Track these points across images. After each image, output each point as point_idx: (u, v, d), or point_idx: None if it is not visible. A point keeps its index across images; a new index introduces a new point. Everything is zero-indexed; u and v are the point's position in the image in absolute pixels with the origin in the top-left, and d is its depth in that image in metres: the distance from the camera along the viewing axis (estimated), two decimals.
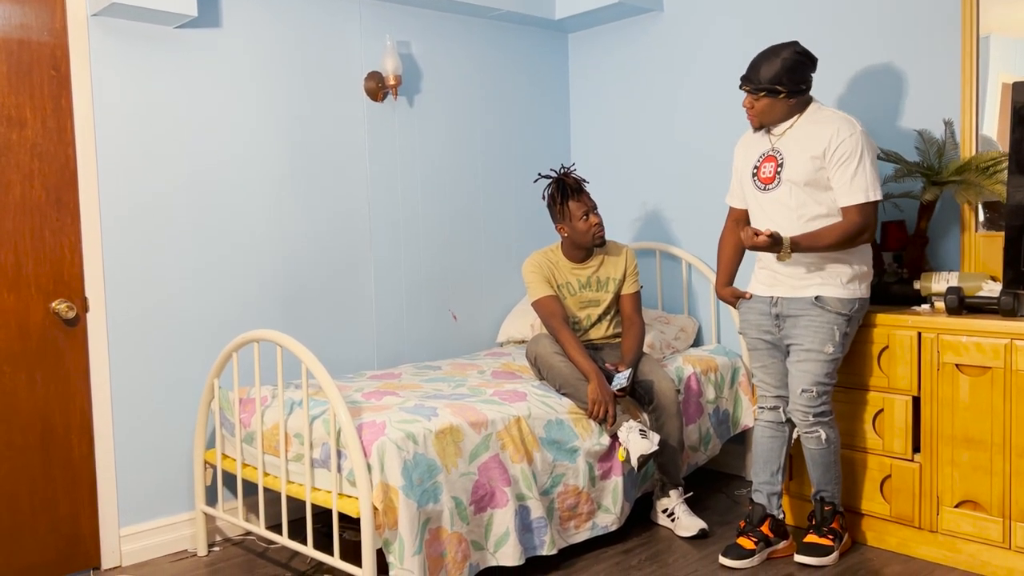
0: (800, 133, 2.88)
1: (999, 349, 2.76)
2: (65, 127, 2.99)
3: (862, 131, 2.81)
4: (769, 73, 2.82)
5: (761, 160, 2.96)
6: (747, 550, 2.95)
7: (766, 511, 3.03)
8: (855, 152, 2.78)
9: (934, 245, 3.29)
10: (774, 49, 2.85)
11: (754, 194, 2.98)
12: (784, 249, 2.77)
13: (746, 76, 2.89)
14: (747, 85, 2.89)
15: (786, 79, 2.81)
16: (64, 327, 3.01)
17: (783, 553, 3.03)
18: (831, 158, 2.80)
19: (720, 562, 2.96)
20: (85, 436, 3.06)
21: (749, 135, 3.08)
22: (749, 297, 3.05)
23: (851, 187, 2.79)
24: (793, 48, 2.83)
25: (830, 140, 2.80)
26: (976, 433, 2.83)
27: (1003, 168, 2.96)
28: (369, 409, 2.83)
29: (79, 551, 3.07)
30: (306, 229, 3.58)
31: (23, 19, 2.90)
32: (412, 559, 2.55)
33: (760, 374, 3.06)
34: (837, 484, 3.00)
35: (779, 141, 2.92)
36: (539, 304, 3.28)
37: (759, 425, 3.09)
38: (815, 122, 2.86)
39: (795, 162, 2.86)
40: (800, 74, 2.83)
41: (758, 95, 2.86)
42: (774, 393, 3.03)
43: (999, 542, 2.81)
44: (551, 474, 2.94)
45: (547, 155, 4.42)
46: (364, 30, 3.72)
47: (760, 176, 2.96)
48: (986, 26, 3.10)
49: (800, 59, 2.82)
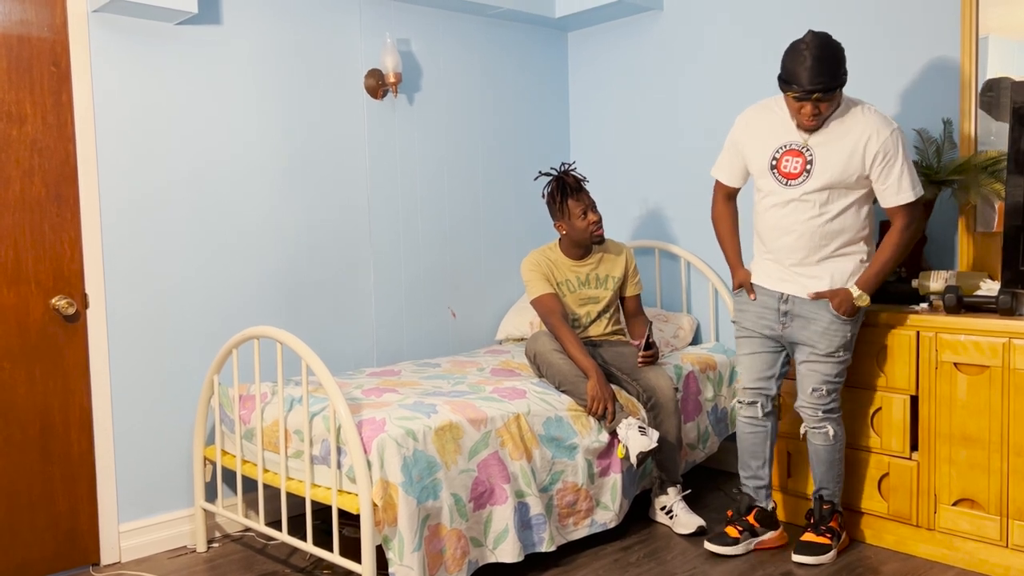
0: (834, 130, 2.77)
1: (997, 348, 2.77)
2: (65, 123, 2.99)
3: (898, 128, 2.76)
4: (831, 66, 2.63)
5: (782, 152, 2.83)
6: (731, 538, 3.01)
7: (753, 501, 3.07)
8: (896, 151, 2.74)
9: (932, 244, 3.29)
10: (809, 43, 2.64)
11: (772, 187, 2.86)
12: (860, 299, 2.82)
13: (810, 81, 2.62)
14: (816, 89, 2.62)
15: (843, 66, 2.67)
16: (64, 323, 3.01)
17: (772, 544, 3.07)
18: (874, 159, 2.74)
19: (705, 546, 3.03)
20: (85, 432, 3.06)
21: (759, 117, 2.92)
22: (754, 299, 2.99)
23: (899, 186, 2.76)
24: (822, 36, 2.66)
25: (869, 140, 2.73)
26: (974, 431, 2.84)
27: (1002, 168, 2.97)
28: (369, 406, 2.84)
29: (78, 547, 3.07)
30: (306, 226, 3.58)
31: (23, 15, 2.90)
32: (411, 555, 2.55)
33: (746, 361, 3.04)
34: (839, 482, 3.01)
35: (809, 136, 2.79)
36: (538, 302, 3.29)
37: (740, 421, 3.10)
38: (849, 119, 2.77)
39: (829, 158, 2.76)
40: (845, 58, 2.70)
41: (833, 94, 2.66)
42: (753, 386, 3.03)
43: (996, 540, 2.82)
44: (550, 471, 2.95)
45: (546, 153, 4.42)
46: (364, 27, 3.72)
47: (781, 170, 2.83)
48: (985, 26, 3.11)
49: (836, 42, 2.67)
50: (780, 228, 2.88)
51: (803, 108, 2.72)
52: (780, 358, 3.02)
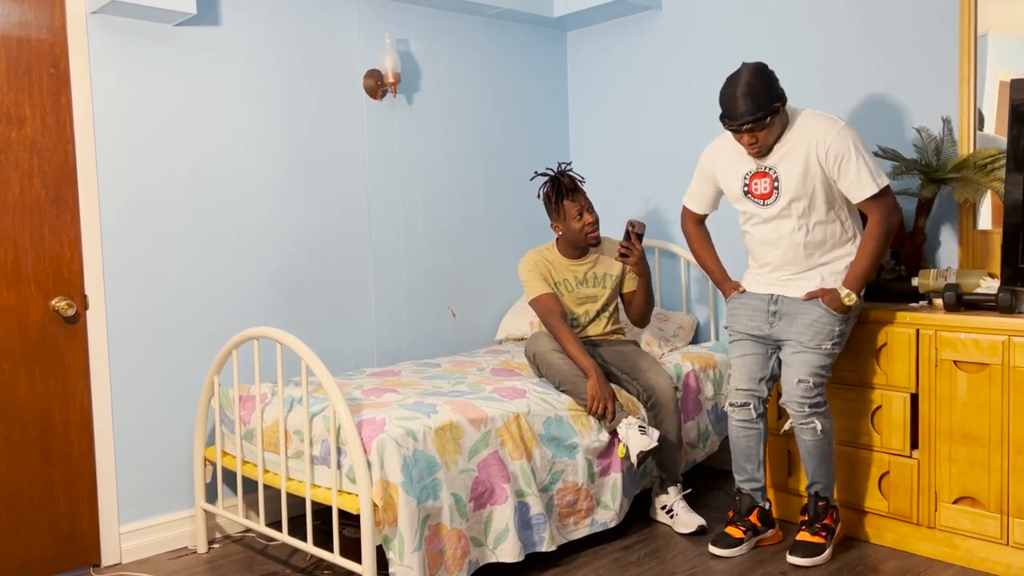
0: (786, 145, 2.85)
1: (997, 346, 2.77)
2: (64, 124, 2.99)
3: (844, 125, 2.80)
4: (758, 96, 2.72)
5: (750, 177, 2.93)
6: (736, 539, 3.00)
7: (754, 501, 3.08)
8: (847, 149, 2.78)
9: (932, 242, 3.29)
10: (737, 78, 2.74)
11: (753, 210, 2.96)
12: (847, 298, 2.83)
13: (734, 115, 2.74)
14: (744, 122, 2.73)
15: (772, 93, 2.75)
16: (64, 324, 3.01)
17: (770, 541, 3.10)
18: (827, 163, 2.79)
19: (710, 551, 3.01)
20: (85, 433, 3.07)
21: (722, 149, 3.01)
22: (742, 291, 3.06)
23: (860, 181, 2.79)
24: (750, 67, 2.75)
25: (817, 145, 2.79)
26: (974, 429, 2.84)
27: (1001, 165, 2.97)
28: (369, 406, 2.84)
29: (79, 548, 3.08)
30: (305, 226, 3.58)
31: (22, 17, 2.90)
32: (412, 555, 2.55)
33: (738, 363, 3.06)
34: (831, 477, 3.01)
35: (767, 158, 2.89)
36: (537, 302, 3.29)
37: (733, 424, 3.10)
38: (798, 130, 2.83)
39: (791, 173, 2.84)
40: (777, 82, 2.79)
41: (763, 124, 2.74)
42: (745, 387, 3.04)
43: (997, 538, 2.82)
44: (550, 471, 2.95)
45: (546, 152, 4.42)
46: (363, 28, 3.73)
47: (754, 193, 2.93)
48: (984, 24, 3.11)
49: (766, 70, 2.76)
50: (768, 242, 2.97)
51: (742, 139, 2.83)
52: (772, 360, 3.04)
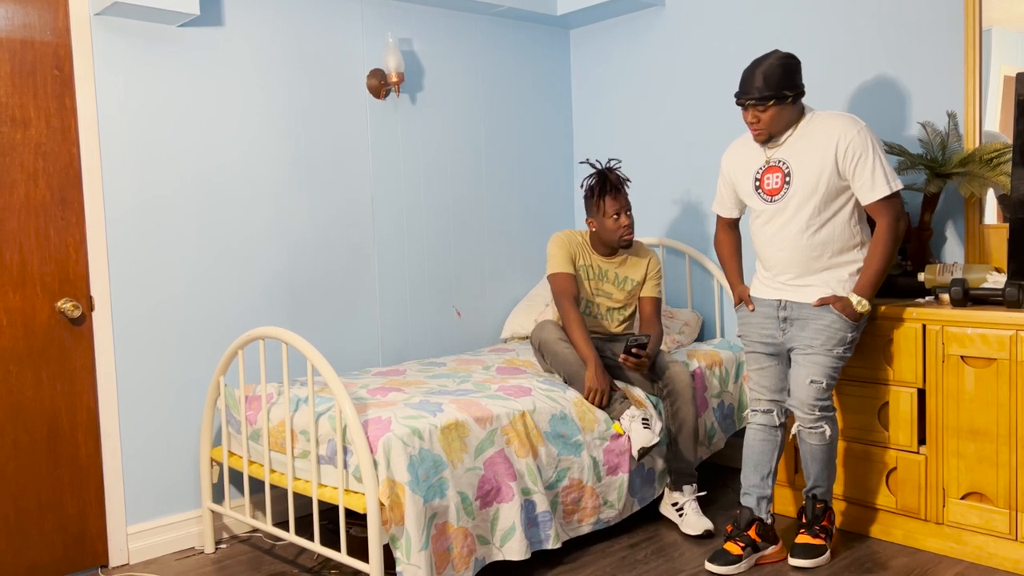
0: (803, 140, 2.84)
1: (1004, 341, 2.76)
2: (69, 126, 3.00)
3: (865, 126, 2.79)
4: (772, 79, 2.76)
5: (762, 172, 2.92)
6: (734, 556, 2.89)
7: (754, 515, 2.98)
8: (866, 148, 2.76)
9: (938, 237, 3.28)
10: (763, 58, 2.79)
11: (761, 207, 2.93)
12: (860, 305, 2.81)
13: (745, 90, 2.80)
14: (749, 98, 2.79)
15: (788, 82, 2.77)
16: (70, 326, 3.02)
17: (773, 559, 2.97)
18: (844, 159, 2.77)
19: (707, 568, 2.89)
20: (91, 435, 3.07)
21: (739, 147, 3.03)
22: (752, 310, 3.02)
23: (874, 183, 2.77)
24: (779, 53, 2.79)
25: (838, 141, 2.77)
26: (982, 425, 2.83)
27: (1007, 160, 2.96)
28: (375, 405, 2.84)
29: (86, 549, 3.08)
30: (310, 226, 3.58)
31: (26, 19, 2.90)
32: (419, 554, 2.55)
33: (756, 376, 3.02)
34: (832, 480, 2.99)
35: (779, 151, 2.87)
36: (555, 278, 3.27)
37: (752, 428, 3.04)
38: (816, 126, 2.83)
39: (804, 169, 2.82)
40: (798, 75, 2.80)
41: (766, 105, 2.78)
42: (768, 397, 3.00)
43: (1005, 533, 2.81)
44: (556, 468, 2.94)
45: (549, 151, 4.42)
46: (366, 28, 3.73)
47: (764, 188, 2.91)
48: (988, 19, 3.10)
49: (792, 61, 2.79)
50: (773, 245, 2.93)
51: (746, 116, 2.85)
52: (788, 370, 3.00)
